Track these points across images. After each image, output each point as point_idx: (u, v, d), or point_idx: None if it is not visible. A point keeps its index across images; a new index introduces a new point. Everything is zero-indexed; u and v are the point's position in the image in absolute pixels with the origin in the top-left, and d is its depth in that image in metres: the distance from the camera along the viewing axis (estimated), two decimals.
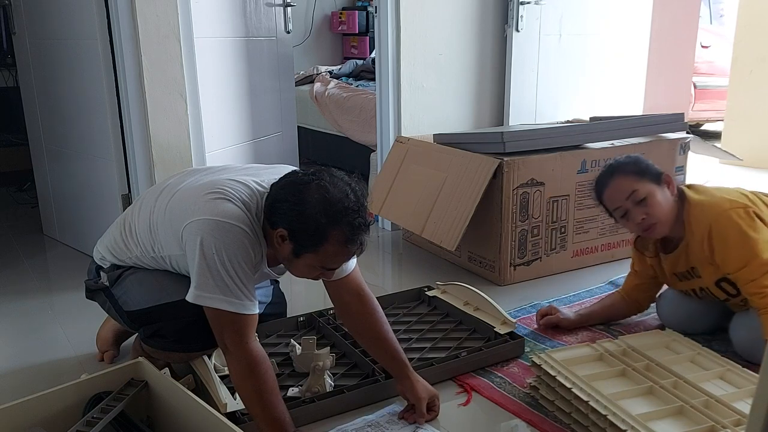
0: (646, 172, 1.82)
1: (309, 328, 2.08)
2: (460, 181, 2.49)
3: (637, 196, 1.79)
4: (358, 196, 1.42)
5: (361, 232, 1.40)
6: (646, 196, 1.79)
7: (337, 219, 1.38)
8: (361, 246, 1.43)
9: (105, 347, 1.93)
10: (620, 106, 3.60)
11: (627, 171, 1.83)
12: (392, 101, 3.06)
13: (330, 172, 1.45)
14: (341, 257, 1.46)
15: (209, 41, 2.70)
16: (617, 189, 1.82)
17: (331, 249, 1.41)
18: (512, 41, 3.17)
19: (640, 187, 1.79)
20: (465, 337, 2.00)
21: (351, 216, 1.39)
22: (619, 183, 1.82)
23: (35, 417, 1.37)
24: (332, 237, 1.39)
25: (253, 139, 3.10)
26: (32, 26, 2.86)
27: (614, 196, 1.83)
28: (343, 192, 1.40)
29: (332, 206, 1.38)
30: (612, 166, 1.88)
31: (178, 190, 1.58)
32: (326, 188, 1.39)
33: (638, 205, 1.80)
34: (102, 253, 1.73)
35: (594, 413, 1.47)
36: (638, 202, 1.79)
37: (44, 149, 3.01)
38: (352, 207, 1.39)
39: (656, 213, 1.79)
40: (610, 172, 1.86)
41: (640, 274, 2.03)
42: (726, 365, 1.63)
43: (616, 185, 1.83)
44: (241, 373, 1.44)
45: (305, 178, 1.43)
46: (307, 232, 1.40)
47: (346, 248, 1.41)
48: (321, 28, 5.51)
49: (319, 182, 1.40)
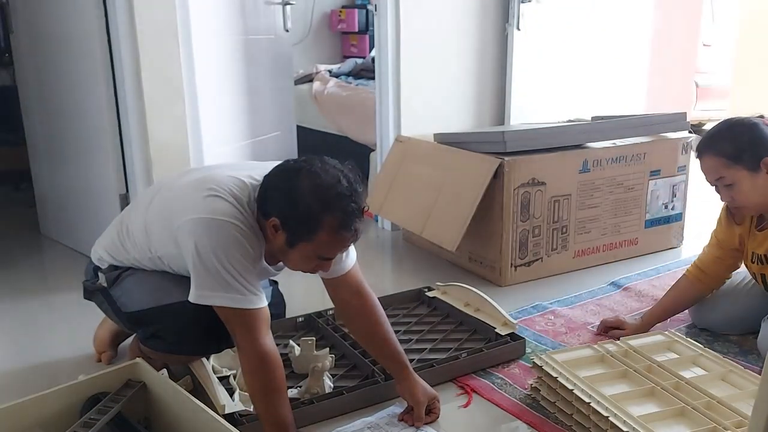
0: (742, 155, 1.72)
1: (308, 329, 2.07)
2: (461, 180, 2.48)
3: (724, 182, 1.76)
4: (351, 182, 1.39)
5: (355, 217, 1.38)
6: (732, 183, 1.75)
7: (330, 205, 1.36)
8: (356, 233, 1.41)
9: (102, 348, 1.92)
10: (622, 105, 3.59)
11: (720, 151, 1.75)
12: (392, 100, 3.04)
13: (322, 159, 1.42)
14: (336, 245, 1.44)
15: (208, 40, 2.69)
16: (706, 167, 1.78)
17: (325, 237, 1.38)
18: (513, 40, 3.16)
19: (728, 174, 1.74)
20: (465, 338, 1.99)
21: (344, 201, 1.37)
22: (709, 162, 1.77)
23: (32, 418, 1.36)
24: (326, 224, 1.37)
25: (251, 138, 3.08)
26: (30, 25, 2.84)
27: (704, 171, 1.80)
28: (334, 178, 1.38)
29: (324, 192, 1.36)
30: (708, 139, 1.79)
31: (170, 189, 1.57)
32: (317, 174, 1.37)
33: (725, 188, 1.77)
34: (100, 253, 1.72)
35: (595, 415, 1.46)
36: (726, 186, 1.76)
37: (42, 149, 3.00)
38: (344, 192, 1.37)
39: (741, 200, 1.76)
40: (706, 145, 1.79)
41: (724, 244, 1.95)
42: (728, 366, 1.62)
43: (706, 163, 1.78)
44: (249, 370, 1.43)
45: (296, 165, 1.41)
46: (300, 220, 1.38)
47: (341, 235, 1.39)
48: (320, 27, 5.49)
49: (310, 168, 1.38)
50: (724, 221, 1.96)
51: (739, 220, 1.91)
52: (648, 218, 2.75)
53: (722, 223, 1.97)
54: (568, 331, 2.10)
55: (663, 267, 2.63)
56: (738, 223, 1.92)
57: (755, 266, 1.90)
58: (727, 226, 1.95)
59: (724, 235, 1.96)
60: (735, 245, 1.94)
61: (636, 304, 2.29)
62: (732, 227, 1.93)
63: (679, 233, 2.88)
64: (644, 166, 2.67)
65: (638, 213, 2.72)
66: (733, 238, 1.93)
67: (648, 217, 2.75)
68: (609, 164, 2.58)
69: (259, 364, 1.42)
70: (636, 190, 2.68)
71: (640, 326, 2.01)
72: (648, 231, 2.77)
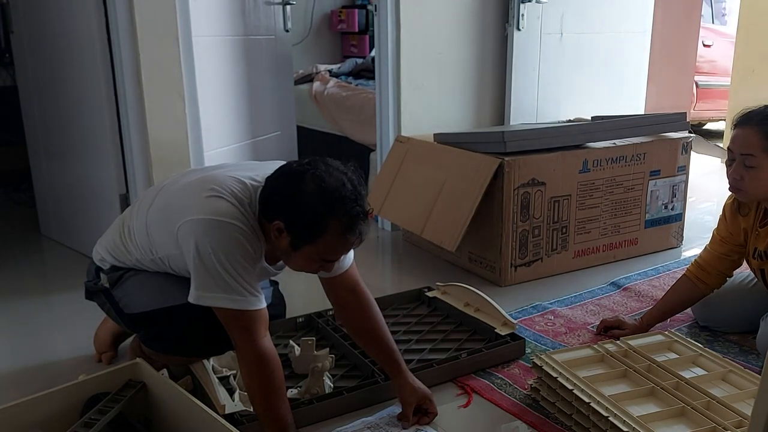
0: None
1: (308, 329, 2.07)
2: (461, 181, 2.48)
3: (749, 162, 1.73)
4: (355, 185, 1.39)
5: (359, 220, 1.38)
6: (756, 166, 1.72)
7: (335, 208, 1.36)
8: (360, 236, 1.41)
9: (103, 348, 1.92)
10: (622, 105, 3.59)
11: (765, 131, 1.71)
12: (392, 100, 3.04)
13: (325, 161, 1.42)
14: (341, 248, 1.44)
15: (208, 40, 2.69)
16: (741, 138, 1.74)
17: (329, 240, 1.39)
18: (513, 40, 3.16)
19: (759, 156, 1.71)
20: (465, 339, 1.99)
21: (348, 205, 1.37)
22: (748, 136, 1.72)
23: (33, 418, 1.36)
24: (330, 227, 1.37)
25: (251, 138, 3.08)
26: (30, 25, 2.84)
27: (736, 140, 1.76)
28: (339, 181, 1.38)
29: (329, 196, 1.36)
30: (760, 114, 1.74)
31: (171, 190, 1.57)
32: (322, 177, 1.37)
33: (745, 168, 1.74)
34: (101, 254, 1.71)
35: (595, 415, 1.46)
36: (747, 166, 1.73)
37: (42, 149, 3.00)
38: (349, 196, 1.37)
39: (751, 185, 1.75)
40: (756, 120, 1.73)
41: (729, 239, 1.94)
42: (728, 366, 1.62)
43: (743, 135, 1.74)
44: (248, 371, 1.44)
45: (300, 169, 1.41)
46: (305, 224, 1.38)
47: (345, 238, 1.39)
48: (320, 27, 5.49)
49: (314, 172, 1.38)
50: (730, 215, 1.95)
51: (744, 212, 1.90)
52: (648, 218, 2.76)
53: (727, 218, 1.96)
54: (568, 331, 2.10)
55: (663, 267, 2.63)
56: (743, 215, 1.91)
57: (756, 262, 1.90)
58: (732, 220, 1.94)
59: (731, 229, 1.94)
60: (740, 240, 1.93)
61: (636, 304, 2.29)
62: (737, 220, 1.92)
63: (679, 233, 2.88)
64: (644, 166, 2.67)
65: (638, 213, 2.72)
66: (738, 231, 1.93)
67: (648, 217, 2.75)
68: (609, 164, 2.58)
69: (257, 365, 1.42)
70: (636, 190, 2.68)
71: (640, 326, 2.01)
72: (648, 231, 2.77)
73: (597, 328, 2.08)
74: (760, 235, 1.87)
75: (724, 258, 1.96)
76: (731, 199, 1.94)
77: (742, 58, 4.66)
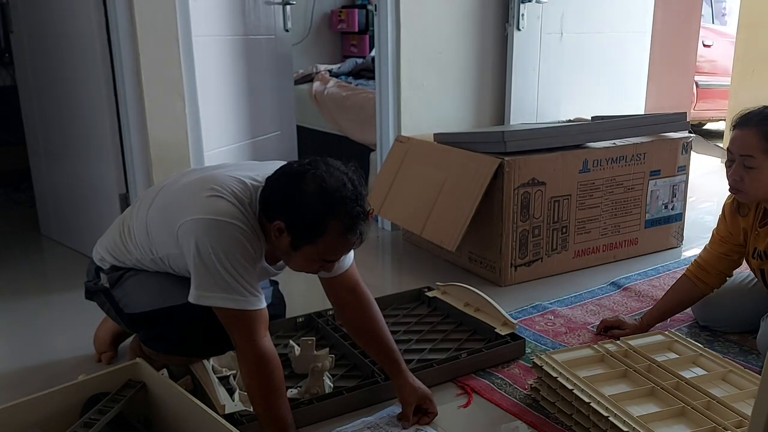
0: None
1: (308, 329, 2.07)
2: (461, 180, 2.48)
3: (748, 162, 1.73)
4: (356, 185, 1.40)
5: (360, 221, 1.39)
6: (755, 167, 1.72)
7: (335, 209, 1.36)
8: (361, 236, 1.41)
9: (103, 348, 1.92)
10: (622, 105, 3.59)
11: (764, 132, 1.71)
12: (392, 100, 3.04)
13: (325, 161, 1.42)
14: (341, 248, 1.44)
15: (208, 40, 2.69)
16: (741, 140, 1.74)
17: (330, 240, 1.39)
18: (513, 40, 3.16)
19: (759, 157, 1.71)
20: (465, 338, 1.99)
21: (349, 205, 1.37)
22: (748, 137, 1.72)
23: (32, 418, 1.36)
24: (331, 227, 1.37)
25: (251, 138, 3.08)
26: (30, 25, 2.84)
27: (735, 141, 1.76)
28: (340, 181, 1.38)
29: (330, 196, 1.36)
30: (759, 115, 1.74)
31: (172, 189, 1.57)
32: (323, 178, 1.37)
33: (745, 168, 1.74)
34: (101, 254, 1.71)
35: (595, 415, 1.46)
36: (747, 166, 1.73)
37: (41, 148, 2.99)
38: (349, 196, 1.37)
39: (751, 186, 1.75)
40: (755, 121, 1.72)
41: (729, 239, 1.94)
42: (728, 366, 1.62)
43: (743, 136, 1.73)
44: (248, 371, 1.44)
45: (300, 169, 1.41)
46: (305, 224, 1.38)
47: (346, 238, 1.40)
48: (320, 27, 5.49)
49: (315, 172, 1.38)
50: (729, 215, 1.95)
51: (744, 212, 1.90)
52: (648, 218, 2.76)
53: (727, 218, 1.96)
54: (568, 331, 2.10)
55: (663, 267, 2.63)
56: (742, 215, 1.91)
57: (756, 262, 1.91)
58: (732, 220, 1.94)
59: (730, 228, 1.94)
60: (740, 240, 1.93)
61: (636, 304, 2.29)
62: (737, 220, 1.92)
63: (679, 233, 2.88)
64: (644, 166, 2.67)
65: (638, 213, 2.72)
66: (738, 231, 1.93)
67: (648, 217, 2.75)
68: (609, 164, 2.58)
69: (257, 365, 1.42)
70: (636, 190, 2.68)
71: (640, 326, 2.01)
72: (648, 231, 2.77)
73: (597, 328, 2.08)
74: (760, 235, 1.87)
75: (724, 258, 1.96)
76: (731, 199, 1.94)
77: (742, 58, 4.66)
